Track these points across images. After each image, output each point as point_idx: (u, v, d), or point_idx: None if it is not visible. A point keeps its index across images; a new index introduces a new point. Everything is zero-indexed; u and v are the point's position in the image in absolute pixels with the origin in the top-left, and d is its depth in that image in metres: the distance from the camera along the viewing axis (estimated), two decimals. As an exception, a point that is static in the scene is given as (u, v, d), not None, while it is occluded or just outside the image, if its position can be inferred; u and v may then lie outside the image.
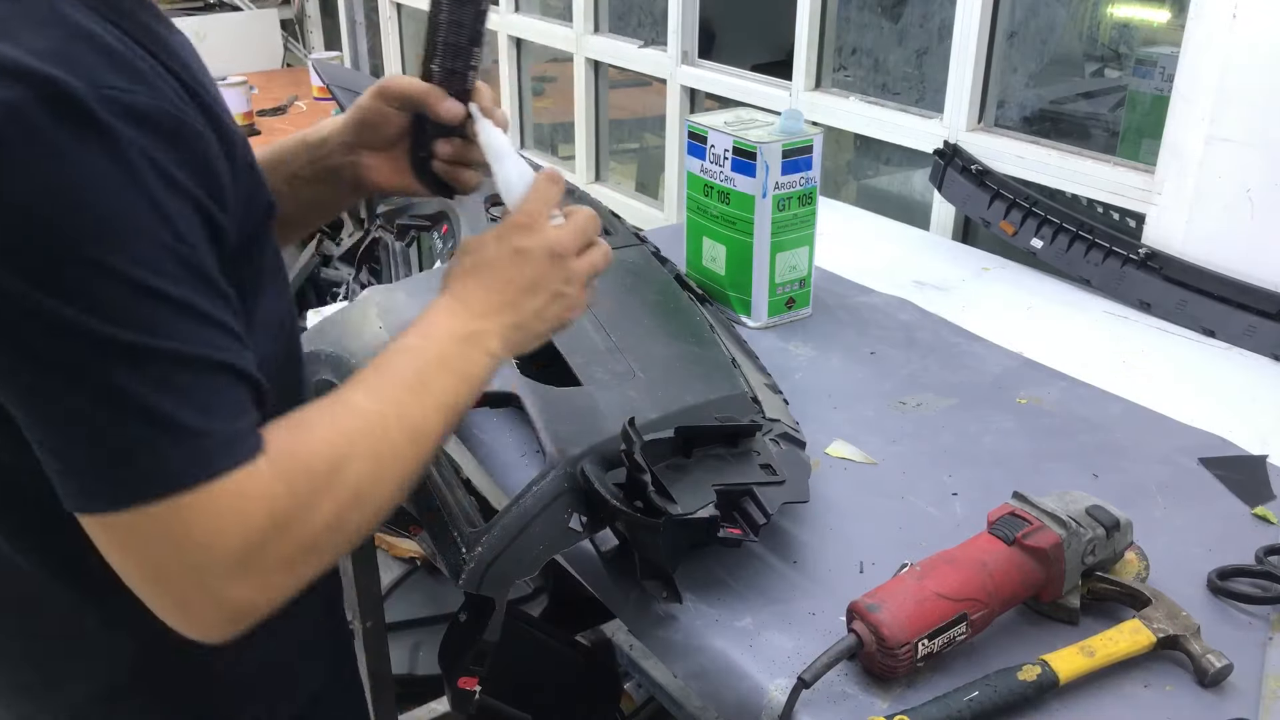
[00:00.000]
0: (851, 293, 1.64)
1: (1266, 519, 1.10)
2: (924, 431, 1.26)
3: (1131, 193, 1.68)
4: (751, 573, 1.00)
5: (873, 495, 1.14)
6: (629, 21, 3.03)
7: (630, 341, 1.20)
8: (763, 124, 1.50)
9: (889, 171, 2.47)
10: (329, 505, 0.70)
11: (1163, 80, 1.77)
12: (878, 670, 0.86)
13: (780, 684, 0.87)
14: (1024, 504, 0.94)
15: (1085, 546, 0.91)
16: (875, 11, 2.42)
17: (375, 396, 0.76)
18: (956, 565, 0.89)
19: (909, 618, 0.85)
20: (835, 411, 1.30)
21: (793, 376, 1.37)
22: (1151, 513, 1.10)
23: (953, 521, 1.09)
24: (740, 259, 1.51)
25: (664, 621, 0.96)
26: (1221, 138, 1.52)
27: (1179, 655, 0.89)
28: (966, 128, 1.95)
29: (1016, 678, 0.84)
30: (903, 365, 1.41)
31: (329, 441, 0.72)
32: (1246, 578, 0.99)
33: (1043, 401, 1.33)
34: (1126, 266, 1.63)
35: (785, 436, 1.12)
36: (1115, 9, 2.15)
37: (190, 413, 0.64)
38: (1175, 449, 1.22)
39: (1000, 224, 1.82)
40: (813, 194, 1.49)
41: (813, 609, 0.96)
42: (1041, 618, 0.94)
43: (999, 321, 1.54)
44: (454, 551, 0.95)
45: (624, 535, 0.99)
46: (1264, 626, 0.94)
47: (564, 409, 1.07)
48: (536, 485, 0.96)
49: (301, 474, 0.69)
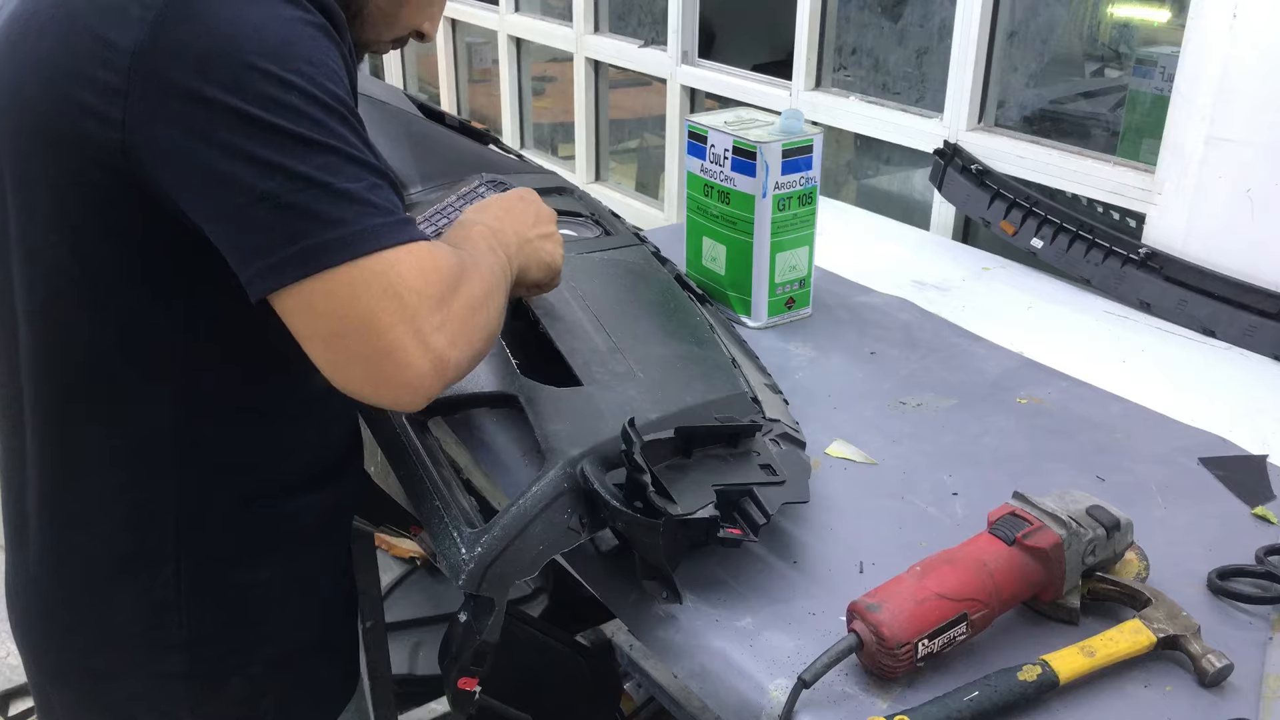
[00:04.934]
0: (851, 293, 1.64)
1: (1266, 519, 1.10)
2: (924, 431, 1.26)
3: (1131, 192, 1.68)
4: (751, 573, 1.00)
5: (873, 495, 1.13)
6: (629, 21, 3.03)
7: (630, 341, 1.20)
8: (763, 124, 1.50)
9: (889, 171, 2.47)
10: (476, 286, 0.86)
11: (1163, 80, 1.77)
12: (878, 670, 0.86)
13: (780, 684, 0.87)
14: (1024, 504, 0.94)
15: (1085, 546, 0.91)
16: (875, 11, 2.42)
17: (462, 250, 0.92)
18: (956, 565, 0.89)
19: (909, 618, 0.85)
20: (835, 411, 1.30)
21: (793, 376, 1.37)
22: (1151, 513, 1.10)
23: (953, 521, 1.09)
24: (740, 259, 1.51)
25: (664, 621, 0.96)
26: (1221, 138, 1.52)
27: (1179, 655, 0.89)
28: (966, 127, 1.95)
29: (1016, 678, 0.84)
30: (903, 365, 1.41)
31: (456, 253, 0.87)
32: (1246, 578, 0.99)
33: (1043, 401, 1.33)
34: (1126, 266, 1.63)
35: (785, 436, 1.12)
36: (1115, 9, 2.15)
37: (381, 197, 0.78)
38: (1175, 449, 1.22)
39: (1000, 224, 1.82)
40: (813, 194, 1.49)
41: (813, 609, 0.96)
42: (1041, 618, 0.94)
43: (999, 321, 1.54)
44: (454, 552, 0.95)
45: (624, 535, 0.99)
46: (1264, 626, 0.94)
47: (564, 409, 1.07)
48: (536, 485, 0.96)
49: (455, 258, 0.85)
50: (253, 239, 0.76)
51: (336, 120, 0.77)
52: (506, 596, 0.93)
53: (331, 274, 0.75)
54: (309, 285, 0.75)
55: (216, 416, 0.90)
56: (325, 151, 0.76)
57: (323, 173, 0.75)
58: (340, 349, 0.77)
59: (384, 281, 0.76)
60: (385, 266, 0.76)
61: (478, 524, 0.97)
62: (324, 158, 0.76)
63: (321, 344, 0.78)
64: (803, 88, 2.32)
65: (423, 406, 0.81)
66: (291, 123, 0.75)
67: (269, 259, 0.76)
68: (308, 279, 0.75)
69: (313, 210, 0.75)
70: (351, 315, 0.76)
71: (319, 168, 0.75)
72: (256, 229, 0.75)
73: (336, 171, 0.76)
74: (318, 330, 0.78)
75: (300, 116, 0.75)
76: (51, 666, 0.98)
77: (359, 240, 0.76)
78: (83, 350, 0.86)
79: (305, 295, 0.76)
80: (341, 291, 0.76)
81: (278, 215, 0.75)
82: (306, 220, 0.75)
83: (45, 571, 0.94)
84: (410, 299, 0.77)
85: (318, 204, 0.75)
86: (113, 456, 0.89)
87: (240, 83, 0.74)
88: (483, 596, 0.92)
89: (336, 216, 0.75)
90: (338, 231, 0.75)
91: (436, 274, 0.80)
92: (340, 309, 0.76)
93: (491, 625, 0.92)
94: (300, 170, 0.75)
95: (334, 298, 0.76)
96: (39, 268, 0.85)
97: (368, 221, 0.76)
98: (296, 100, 0.75)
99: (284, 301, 0.77)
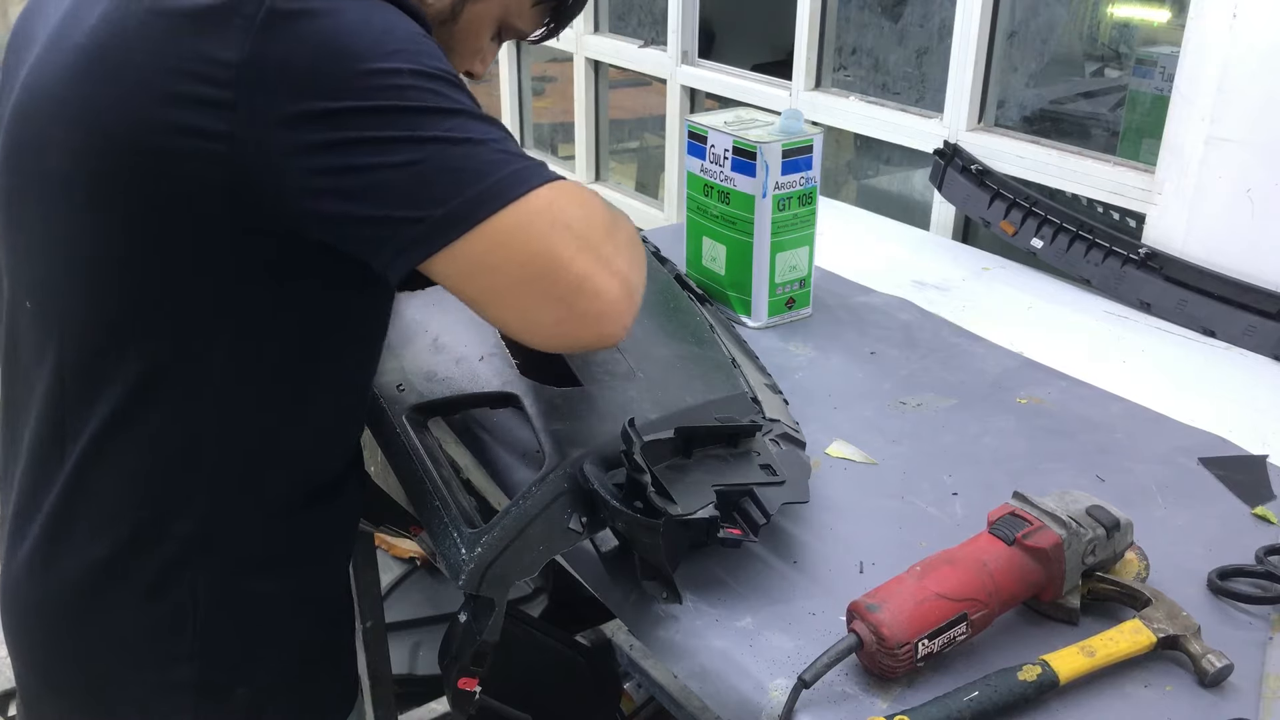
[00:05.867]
0: (851, 293, 1.64)
1: (1266, 519, 1.10)
2: (924, 431, 1.26)
3: (1131, 192, 1.68)
4: (751, 573, 1.00)
5: (873, 495, 1.13)
6: (629, 21, 3.03)
7: (630, 341, 1.20)
8: (763, 124, 1.50)
9: (889, 171, 2.47)
10: (623, 218, 0.88)
11: (1163, 80, 1.77)
12: (878, 670, 0.86)
13: (780, 684, 0.87)
14: (1024, 504, 0.94)
15: (1085, 547, 0.91)
16: (875, 11, 2.42)
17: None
18: (956, 565, 0.89)
19: (909, 618, 0.85)
20: (835, 411, 1.30)
21: (793, 376, 1.37)
22: (1151, 513, 1.10)
23: (953, 521, 1.09)
24: (740, 259, 1.51)
25: (664, 621, 0.96)
26: (1221, 138, 1.52)
27: (1179, 655, 0.89)
28: (966, 127, 1.95)
29: (1016, 678, 0.84)
30: (903, 365, 1.41)
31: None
32: (1246, 578, 0.99)
33: (1043, 401, 1.33)
34: (1126, 266, 1.63)
35: (785, 437, 1.12)
36: (1115, 9, 2.15)
37: (515, 147, 0.79)
38: (1175, 449, 1.22)
39: (1000, 224, 1.82)
40: (813, 194, 1.49)
41: (813, 609, 0.96)
42: (1041, 618, 0.94)
43: (999, 321, 1.54)
44: (454, 552, 0.95)
45: (624, 536, 0.99)
46: (1264, 626, 0.94)
47: (564, 409, 1.07)
48: (536, 486, 0.96)
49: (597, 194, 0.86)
50: (400, 211, 0.75)
51: (449, 87, 0.77)
52: (506, 596, 0.93)
53: (497, 220, 0.74)
54: (476, 239, 0.75)
55: (249, 429, 0.89)
56: (450, 115, 0.76)
57: (455, 132, 0.75)
58: (527, 297, 0.77)
59: (549, 217, 0.76)
60: (545, 204, 0.76)
61: (478, 524, 0.97)
62: (451, 120, 0.76)
63: (506, 299, 0.77)
64: (803, 88, 2.32)
65: (622, 337, 0.81)
66: (409, 100, 0.75)
67: (422, 224, 0.75)
68: (474, 231, 0.74)
69: (456, 166, 0.75)
70: (530, 256, 0.75)
71: (450, 129, 0.75)
72: (402, 200, 0.75)
73: (467, 129, 0.76)
74: (497, 285, 0.77)
75: (416, 91, 0.75)
76: (47, 670, 0.98)
77: (512, 184, 0.75)
78: (134, 362, 0.85)
79: (475, 250, 0.75)
80: (513, 236, 0.75)
81: (421, 181, 0.74)
82: (453, 177, 0.75)
83: (49, 575, 0.94)
84: (580, 227, 0.77)
85: (460, 160, 0.75)
86: (139, 468, 0.88)
87: (350, 84, 0.74)
88: (482, 597, 0.92)
89: (482, 167, 0.75)
90: (488, 181, 0.75)
91: (595, 205, 0.80)
92: (516, 254, 0.75)
93: (491, 625, 0.92)
94: (432, 135, 0.75)
95: (506, 244, 0.75)
96: (98, 277, 0.84)
97: (514, 165, 0.76)
98: (407, 79, 0.75)
99: (453, 264, 0.76)
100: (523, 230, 0.75)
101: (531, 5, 1.00)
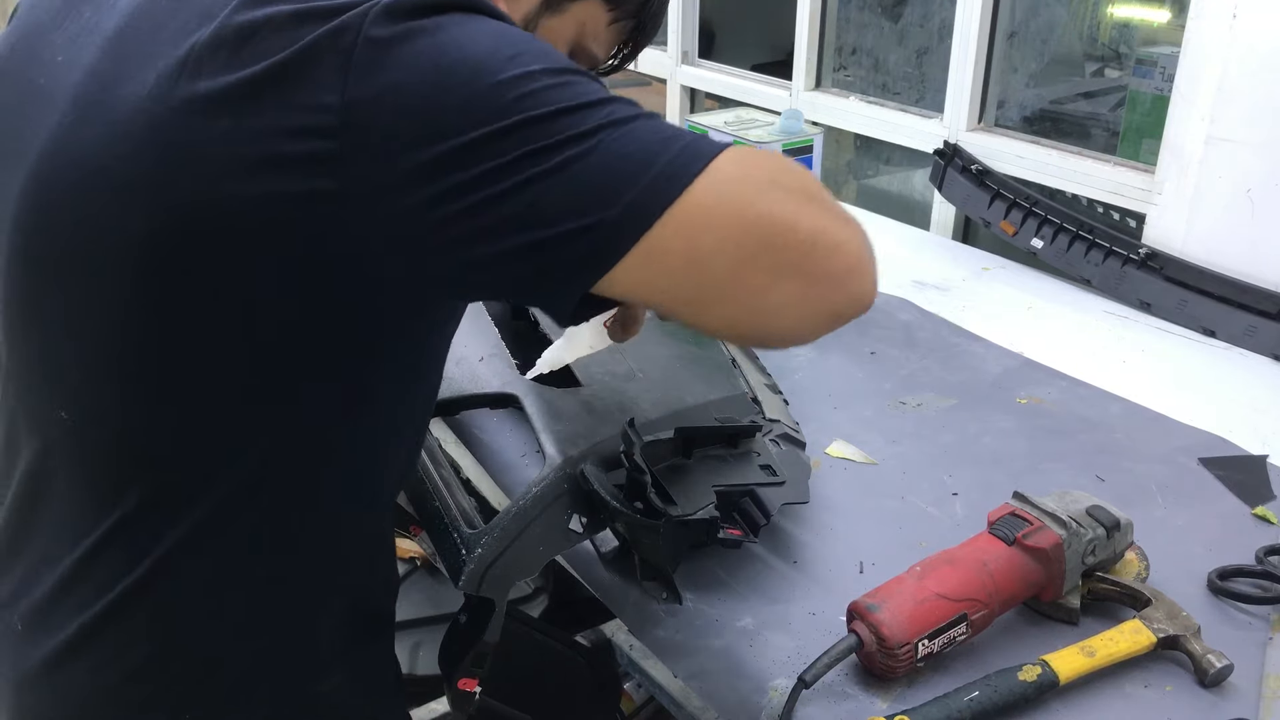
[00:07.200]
0: (851, 293, 1.64)
1: (1266, 519, 1.10)
2: (924, 431, 1.26)
3: (1132, 193, 1.68)
4: (751, 573, 1.00)
5: (873, 495, 1.13)
6: (629, 21, 3.03)
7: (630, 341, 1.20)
8: (763, 124, 1.50)
9: (889, 171, 2.47)
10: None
11: (1163, 80, 1.77)
12: (878, 670, 0.86)
13: (780, 684, 0.87)
14: (1024, 504, 0.94)
15: (1085, 547, 0.91)
16: (875, 11, 2.42)
17: None
18: (956, 565, 0.89)
19: (909, 618, 0.85)
20: (835, 411, 1.30)
21: (793, 376, 1.37)
22: (1151, 513, 1.10)
23: (953, 521, 1.09)
24: (740, 259, 1.50)
25: (664, 621, 0.96)
26: (1221, 138, 1.52)
27: (1179, 655, 0.89)
28: (966, 127, 1.95)
29: (1016, 678, 0.84)
30: (903, 365, 1.41)
31: None
32: (1246, 578, 0.99)
33: (1043, 401, 1.33)
34: (1126, 266, 1.63)
35: (785, 437, 1.12)
36: (1115, 9, 2.15)
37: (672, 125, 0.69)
38: (1175, 449, 1.22)
39: (1000, 224, 1.82)
40: (813, 194, 1.49)
41: (813, 609, 0.96)
42: (1041, 618, 0.94)
43: (999, 321, 1.54)
44: (454, 552, 0.94)
45: (624, 536, 0.99)
46: (1264, 626, 0.94)
47: (564, 409, 1.07)
48: (536, 486, 0.96)
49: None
50: (565, 223, 0.63)
51: (583, 78, 0.66)
52: (506, 597, 0.93)
53: (689, 197, 0.63)
54: (670, 227, 0.63)
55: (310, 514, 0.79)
56: (599, 105, 0.64)
57: (610, 117, 0.64)
58: (753, 277, 0.65)
59: (750, 178, 0.65)
60: (737, 167, 0.64)
61: (478, 524, 0.97)
62: (604, 108, 0.64)
63: (728, 290, 0.65)
64: (803, 88, 2.32)
65: (875, 295, 0.70)
66: (551, 103, 0.63)
67: (609, 214, 0.63)
68: (666, 216, 0.62)
69: (627, 150, 0.63)
70: (746, 227, 0.64)
71: (605, 115, 0.64)
72: (565, 211, 0.63)
73: (620, 112, 0.65)
74: (711, 277, 0.64)
75: (555, 90, 0.64)
76: None
77: (691, 156, 0.64)
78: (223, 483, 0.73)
79: (673, 241, 0.63)
80: (715, 211, 0.63)
81: (582, 183, 0.63)
82: (628, 162, 0.63)
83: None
84: (788, 180, 0.66)
85: (630, 142, 0.63)
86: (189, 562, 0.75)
87: (480, 105, 0.63)
88: (483, 597, 0.92)
89: (650, 147, 0.63)
90: (667, 156, 0.63)
91: (784, 159, 0.69)
92: (727, 229, 0.64)
93: (491, 626, 0.92)
94: (588, 127, 0.63)
95: (710, 222, 0.63)
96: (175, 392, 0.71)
97: (684, 139, 0.65)
98: (542, 80, 0.64)
99: (647, 267, 0.64)
100: (727, 200, 0.63)
101: (608, 24, 0.89)
